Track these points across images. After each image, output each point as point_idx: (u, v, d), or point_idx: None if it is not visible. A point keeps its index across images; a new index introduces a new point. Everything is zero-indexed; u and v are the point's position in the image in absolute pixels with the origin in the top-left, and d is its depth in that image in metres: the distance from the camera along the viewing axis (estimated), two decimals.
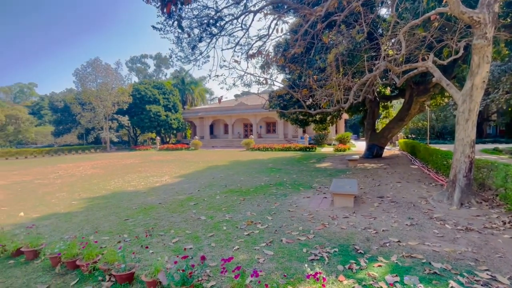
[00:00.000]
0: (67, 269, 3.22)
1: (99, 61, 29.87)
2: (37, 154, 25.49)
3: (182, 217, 5.20)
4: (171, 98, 36.30)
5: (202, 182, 8.98)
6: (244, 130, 39.67)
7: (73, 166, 15.32)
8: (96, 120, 29.91)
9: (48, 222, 5.14)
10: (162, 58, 61.47)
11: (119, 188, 8.44)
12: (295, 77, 13.01)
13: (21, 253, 3.64)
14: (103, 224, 4.92)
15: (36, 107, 47.00)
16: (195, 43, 6.00)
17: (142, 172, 12.10)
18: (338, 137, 26.32)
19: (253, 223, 4.70)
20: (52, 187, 8.95)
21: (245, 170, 11.79)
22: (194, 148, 28.55)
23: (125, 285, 2.83)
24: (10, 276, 3.15)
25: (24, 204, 6.65)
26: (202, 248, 3.72)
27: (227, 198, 6.65)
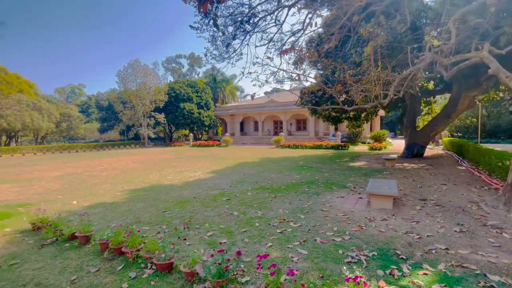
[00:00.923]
0: (114, 255, 3.49)
1: (138, 62, 31.83)
2: (85, 149, 28.06)
3: (216, 212, 5.34)
4: (204, 96, 37.44)
5: (233, 178, 9.14)
6: (274, 127, 39.56)
7: (116, 160, 16.59)
8: (136, 117, 31.99)
9: (96, 211, 5.62)
10: (195, 57, 63.51)
11: (157, 181, 8.94)
12: (328, 72, 12.58)
13: (75, 238, 4.02)
14: (144, 215, 5.25)
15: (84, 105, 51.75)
16: (229, 40, 6.08)
17: (177, 167, 12.68)
18: (373, 135, 25.00)
19: (285, 221, 4.66)
20: (99, 178, 9.77)
21: (276, 167, 11.75)
22: (225, 144, 29.18)
23: (165, 273, 2.98)
24: (66, 258, 3.51)
25: (76, 194, 7.35)
26: (236, 243, 3.78)
27: (259, 195, 6.68)
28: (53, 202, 6.43)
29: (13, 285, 2.89)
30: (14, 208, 5.92)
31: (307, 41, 11.33)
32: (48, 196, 7.14)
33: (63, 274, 3.10)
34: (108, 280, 2.92)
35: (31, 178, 10.22)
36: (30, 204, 6.21)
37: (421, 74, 7.71)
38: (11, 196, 7.17)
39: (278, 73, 6.76)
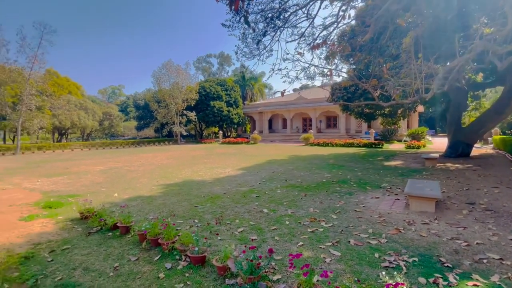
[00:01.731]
0: (151, 246, 3.68)
1: (171, 63, 33.27)
2: (124, 145, 30.14)
3: (246, 208, 5.38)
4: (233, 94, 38.01)
5: (262, 176, 9.15)
6: (303, 124, 38.91)
7: (151, 156, 17.57)
8: (169, 115, 33.54)
9: (135, 203, 5.99)
10: (225, 56, 64.65)
11: (189, 177, 9.28)
12: (362, 67, 11.99)
13: (117, 228, 4.32)
14: (178, 209, 5.48)
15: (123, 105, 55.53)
16: (260, 37, 6.05)
17: (207, 163, 13.05)
18: (411, 132, 23.38)
19: (316, 220, 4.55)
20: (137, 173, 10.42)
21: (305, 165, 11.54)
22: (254, 142, 29.38)
23: (198, 266, 3.07)
24: (110, 246, 3.78)
25: (117, 187, 7.91)
26: (266, 240, 3.78)
27: (288, 193, 6.61)
28: (98, 194, 6.99)
29: (65, 268, 3.19)
30: (65, 198, 6.55)
31: (339, 35, 10.89)
32: (93, 188, 7.78)
33: (107, 260, 3.34)
34: (146, 269, 3.09)
35: (79, 171, 11.23)
36: (78, 195, 6.82)
37: (469, 65, 6.97)
38: (62, 187, 7.95)
39: (309, 68, 6.59)
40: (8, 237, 4.15)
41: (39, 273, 3.05)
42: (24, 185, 8.37)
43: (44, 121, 25.60)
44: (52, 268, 3.17)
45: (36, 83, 22.36)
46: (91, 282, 2.86)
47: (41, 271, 3.10)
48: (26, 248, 3.73)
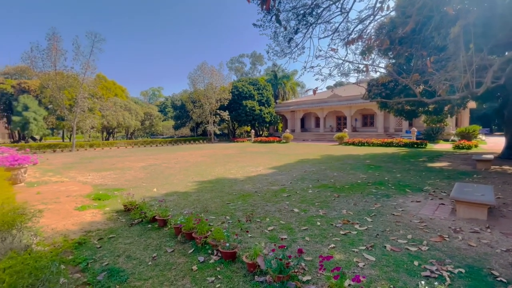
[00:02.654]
0: (186, 239, 3.88)
1: (205, 64, 34.46)
2: (163, 143, 32.04)
3: (276, 207, 5.39)
4: (265, 93, 38.13)
5: (294, 175, 9.06)
6: (336, 123, 37.60)
7: (187, 154, 18.42)
8: (204, 115, 34.82)
9: (171, 198, 6.35)
10: (257, 56, 65.06)
11: (222, 174, 9.55)
12: (402, 61, 11.18)
13: (155, 221, 4.63)
14: (210, 205, 5.68)
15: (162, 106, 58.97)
16: (291, 35, 5.98)
17: (239, 162, 13.29)
18: (460, 131, 21.22)
19: (349, 223, 4.38)
20: (173, 170, 11.02)
21: (339, 165, 11.15)
22: (285, 141, 29.16)
23: (229, 261, 3.16)
24: (149, 237, 4.07)
25: (156, 182, 8.46)
26: (296, 240, 3.74)
27: (320, 193, 6.46)
28: (139, 188, 7.55)
29: (111, 254, 3.51)
30: (112, 192, 7.18)
31: (377, 28, 10.29)
32: (135, 183, 8.42)
33: (146, 250, 3.61)
34: (181, 261, 3.27)
35: (123, 167, 12.23)
36: (123, 189, 7.44)
37: None
38: (109, 182, 8.73)
39: (343, 65, 6.34)
40: (65, 224, 4.69)
41: (89, 258, 3.41)
42: (78, 179, 9.36)
43: (95, 121, 28.33)
44: (100, 254, 3.52)
45: (88, 87, 24.82)
46: (133, 269, 3.11)
47: (91, 256, 3.46)
48: (79, 235, 4.18)
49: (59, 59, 22.35)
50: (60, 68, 22.75)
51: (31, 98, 27.72)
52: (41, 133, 29.08)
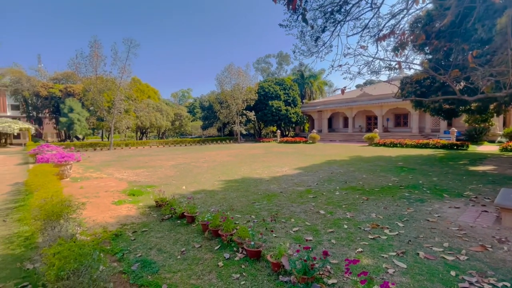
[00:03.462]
0: (212, 236, 4.00)
1: (232, 66, 35.07)
2: (191, 143, 33.21)
3: (302, 208, 5.34)
4: (291, 93, 37.79)
5: (320, 176, 8.88)
6: (366, 123, 36.09)
7: (214, 154, 18.90)
8: (230, 115, 35.46)
9: (199, 196, 6.58)
10: (283, 55, 64.68)
11: (247, 174, 9.67)
12: (439, 56, 10.42)
13: (184, 217, 4.83)
14: (236, 204, 5.79)
15: (191, 106, 61.06)
16: (318, 34, 5.87)
17: (265, 162, 13.34)
18: (508, 132, 19.21)
19: (379, 227, 4.20)
20: (201, 169, 11.39)
21: (368, 167, 10.70)
22: (312, 141, 28.65)
23: (253, 260, 3.21)
24: (178, 232, 4.26)
25: (184, 180, 8.81)
26: (322, 243, 3.68)
27: (348, 195, 6.26)
28: (169, 185, 7.92)
29: (144, 247, 3.73)
30: (145, 188, 7.63)
31: (411, 22, 9.70)
32: (166, 180, 8.84)
33: (175, 245, 3.79)
34: (207, 257, 3.39)
35: (155, 165, 12.90)
36: (154, 186, 7.86)
37: None
38: (142, 179, 9.27)
39: (374, 62, 6.07)
40: (104, 217, 5.08)
41: (125, 249, 3.66)
42: (115, 175, 10.07)
43: (130, 122, 30.21)
44: (134, 246, 3.76)
45: (124, 90, 26.57)
46: (163, 261, 3.29)
47: (126, 247, 3.72)
48: (116, 227, 4.51)
49: (99, 65, 24.25)
50: (100, 72, 24.65)
51: (75, 101, 30.34)
52: (84, 133, 31.71)
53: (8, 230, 4.49)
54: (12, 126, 29.10)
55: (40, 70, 39.77)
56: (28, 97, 32.75)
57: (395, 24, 5.72)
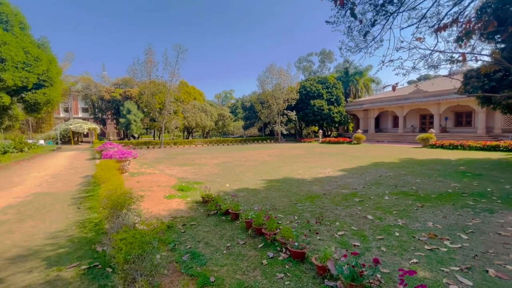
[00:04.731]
0: (255, 234, 4.08)
1: (274, 65, 35.12)
2: (233, 142, 34.24)
3: (347, 212, 5.11)
4: (334, 92, 36.37)
5: (367, 179, 8.39)
6: (420, 122, 32.89)
7: (256, 153, 19.19)
8: (271, 115, 35.60)
9: (242, 194, 6.76)
10: (326, 53, 62.55)
11: (289, 174, 9.60)
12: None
13: (228, 213, 5.02)
14: (278, 204, 5.80)
15: (233, 107, 62.96)
16: (367, 28, 5.52)
17: (306, 162, 13.08)
18: None
19: (437, 238, 3.81)
20: (243, 168, 11.66)
21: (423, 170, 9.74)
22: (357, 142, 27.17)
23: (297, 261, 3.18)
24: (223, 228, 4.44)
25: (228, 178, 9.13)
26: (370, 249, 3.48)
27: (399, 201, 5.80)
28: (214, 183, 8.29)
29: (192, 240, 3.98)
30: (192, 184, 8.12)
31: (478, 8, 8.53)
32: (210, 178, 9.28)
33: (221, 240, 3.95)
34: (251, 254, 3.46)
35: (200, 163, 13.63)
36: (201, 183, 8.31)
37: None
38: (190, 175, 9.87)
39: (432, 55, 5.48)
40: (158, 210, 5.55)
41: (176, 240, 3.95)
42: (166, 171, 10.91)
43: (178, 122, 32.44)
44: (184, 238, 4.04)
45: (173, 92, 28.61)
46: (210, 255, 3.47)
47: (177, 239, 4.01)
48: (168, 220, 4.89)
49: (152, 70, 26.55)
50: (153, 77, 26.96)
51: (132, 103, 33.65)
52: (139, 132, 35.01)
53: (81, 216, 5.21)
54: (83, 126, 33.60)
55: (104, 77, 45.16)
56: (95, 100, 37.42)
57: (459, 12, 5.10)
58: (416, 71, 5.89)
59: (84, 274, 3.03)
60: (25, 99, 14.91)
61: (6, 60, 11.91)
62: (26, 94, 14.60)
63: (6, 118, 17.68)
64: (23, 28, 14.35)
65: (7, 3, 13.76)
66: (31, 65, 13.26)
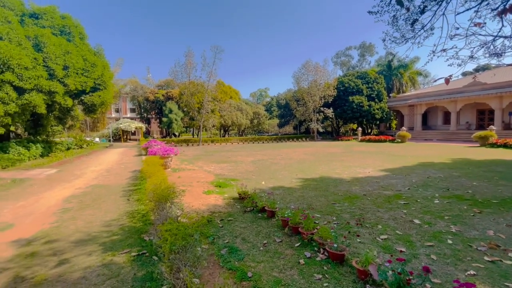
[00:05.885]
0: (292, 232, 4.04)
1: (310, 62, 34.24)
2: (268, 140, 34.32)
3: (390, 215, 4.79)
4: (375, 87, 34.23)
5: (412, 180, 7.76)
6: (477, 118, 29.34)
7: (291, 151, 18.99)
8: (307, 113, 34.85)
9: (277, 192, 6.74)
10: (366, 46, 59.14)
11: (326, 173, 9.31)
12: None
13: (264, 211, 5.04)
14: (315, 203, 5.67)
15: (268, 105, 63.06)
16: (416, 16, 5.04)
17: (344, 161, 12.56)
18: None
19: (499, 248, 3.37)
20: (278, 166, 11.63)
21: (481, 172, 8.69)
22: (401, 140, 25.26)
23: (336, 263, 3.08)
24: (259, 225, 4.49)
25: (263, 176, 9.18)
26: (418, 257, 3.22)
27: (452, 205, 5.25)
28: (249, 180, 8.41)
29: (230, 235, 4.09)
30: (229, 181, 8.34)
31: None
32: (246, 175, 9.43)
33: (258, 236, 4.00)
34: (288, 252, 3.44)
35: (236, 161, 13.93)
36: (237, 179, 8.50)
37: None
38: (226, 172, 10.16)
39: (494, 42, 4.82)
40: (197, 204, 5.82)
41: (215, 234, 4.10)
42: (204, 168, 11.38)
43: (215, 121, 33.58)
44: (222, 233, 4.17)
45: (211, 92, 29.65)
46: (248, 251, 3.53)
47: (215, 233, 4.16)
48: (207, 214, 5.10)
49: (191, 71, 27.81)
50: (192, 78, 28.24)
51: (173, 103, 35.73)
52: (179, 131, 37.10)
53: (131, 207, 5.70)
54: (130, 125, 36.68)
55: (149, 79, 48.72)
56: (141, 101, 40.54)
57: None
58: (474, 60, 5.22)
59: (134, 260, 3.32)
60: (84, 101, 16.77)
61: (69, 68, 13.50)
62: (85, 97, 16.41)
63: (69, 119, 20.10)
64: (82, 38, 16.13)
65: (70, 17, 15.59)
66: (88, 70, 14.85)
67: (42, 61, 12.36)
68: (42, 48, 12.53)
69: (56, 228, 4.58)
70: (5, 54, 10.57)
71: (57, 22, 14.61)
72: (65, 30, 14.89)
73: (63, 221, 4.93)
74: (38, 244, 3.93)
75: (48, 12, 14.42)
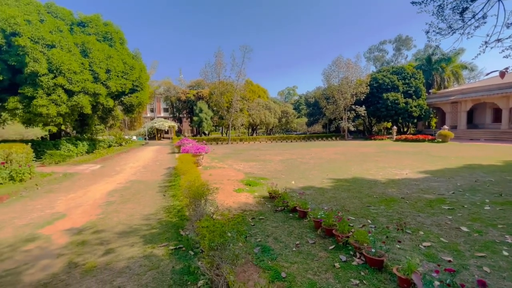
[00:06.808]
0: (325, 234, 3.94)
1: (341, 58, 33.04)
2: (297, 139, 33.88)
3: (433, 220, 4.45)
4: (412, 83, 32.04)
5: (457, 184, 7.13)
6: None
7: (320, 151, 18.55)
8: (337, 111, 33.74)
9: (308, 192, 6.62)
10: (403, 39, 55.58)
11: (359, 174, 8.94)
12: None
13: (296, 211, 4.98)
14: (348, 205, 5.47)
15: (296, 103, 62.17)
16: (466, 4, 4.60)
17: (379, 162, 11.94)
18: None
19: None
20: (308, 165, 11.42)
21: None
22: (442, 140, 23.38)
23: (374, 269, 2.94)
24: (291, 225, 4.44)
25: (293, 175, 9.08)
26: (468, 268, 2.95)
27: (506, 213, 4.74)
28: (279, 179, 8.37)
29: (262, 233, 4.11)
30: (258, 180, 8.38)
31: None
32: (275, 174, 9.40)
33: (290, 236, 3.96)
34: (322, 255, 3.36)
35: (265, 159, 13.96)
36: (266, 178, 8.51)
37: None
38: (255, 171, 10.22)
39: None
40: (229, 202, 5.94)
41: (247, 232, 4.15)
42: (234, 166, 11.57)
43: (244, 119, 33.97)
44: (254, 231, 4.21)
45: (239, 91, 30.02)
46: (280, 250, 3.51)
47: (248, 231, 4.20)
48: (238, 212, 5.18)
49: (221, 71, 28.39)
50: (222, 77, 28.82)
51: (203, 103, 36.81)
52: (209, 129, 38.15)
53: (167, 202, 5.98)
54: (164, 124, 38.57)
55: (181, 80, 50.76)
56: (174, 101, 42.39)
57: None
58: None
59: (172, 254, 3.48)
60: (123, 102, 18.04)
61: (111, 71, 14.58)
62: (124, 98, 17.64)
63: (110, 118, 21.69)
64: (122, 43, 17.30)
65: (111, 24, 16.83)
66: (127, 73, 15.90)
67: (88, 66, 13.48)
68: (88, 53, 13.67)
69: (102, 220, 4.97)
70: (58, 60, 11.71)
71: (100, 29, 15.83)
72: (107, 36, 16.07)
73: (108, 213, 5.33)
74: (87, 234, 4.30)
75: (93, 20, 15.67)
